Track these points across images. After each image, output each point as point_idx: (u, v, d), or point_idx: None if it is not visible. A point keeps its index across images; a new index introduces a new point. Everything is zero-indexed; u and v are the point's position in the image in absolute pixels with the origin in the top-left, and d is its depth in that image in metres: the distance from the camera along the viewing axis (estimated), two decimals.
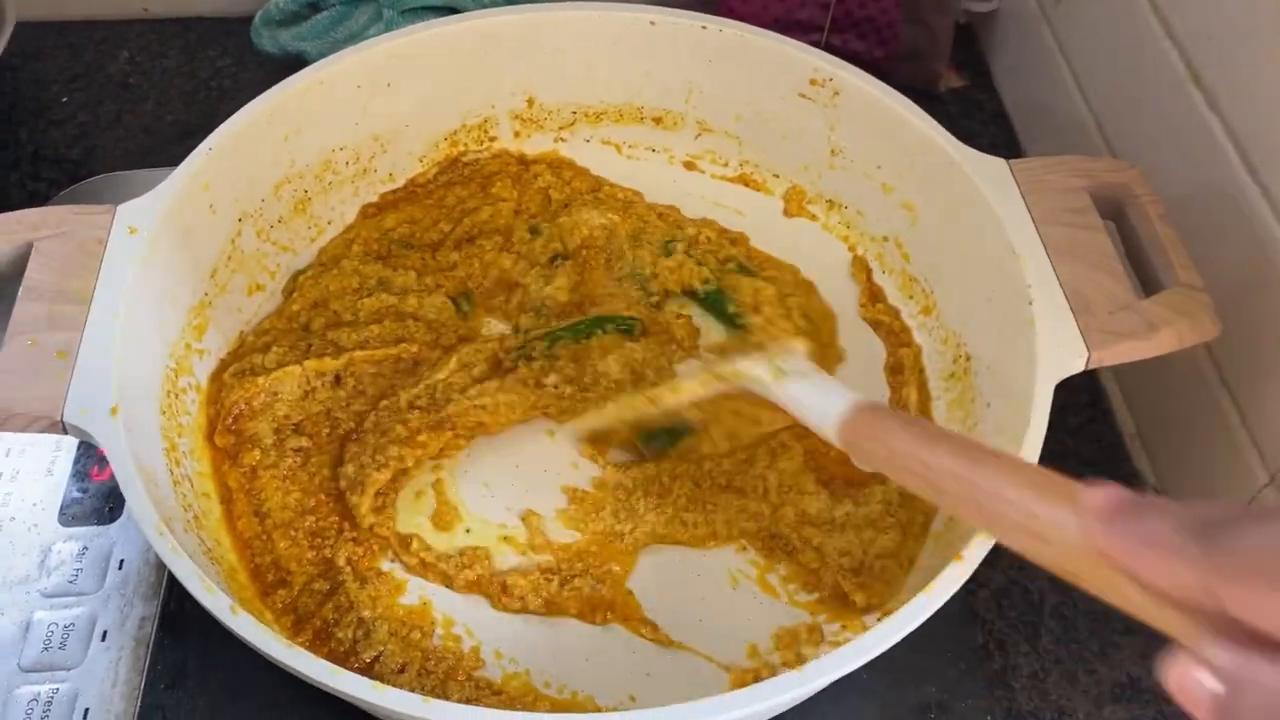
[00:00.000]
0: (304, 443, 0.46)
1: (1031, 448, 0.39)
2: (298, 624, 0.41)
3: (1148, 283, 0.44)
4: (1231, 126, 0.48)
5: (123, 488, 0.37)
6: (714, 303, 0.51)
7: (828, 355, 0.50)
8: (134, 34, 0.74)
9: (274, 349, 0.47)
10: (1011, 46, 0.72)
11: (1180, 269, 0.43)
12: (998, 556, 0.51)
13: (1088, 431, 0.57)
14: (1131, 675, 0.49)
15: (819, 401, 0.40)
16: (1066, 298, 0.42)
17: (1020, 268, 0.43)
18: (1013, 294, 0.43)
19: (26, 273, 0.42)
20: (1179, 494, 0.54)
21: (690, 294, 0.52)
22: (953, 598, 0.37)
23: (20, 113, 0.69)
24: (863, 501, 0.44)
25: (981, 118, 0.72)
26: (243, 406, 0.46)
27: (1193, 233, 0.47)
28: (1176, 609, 0.26)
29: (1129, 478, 0.55)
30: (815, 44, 0.69)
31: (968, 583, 0.38)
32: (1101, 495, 0.28)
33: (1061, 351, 0.41)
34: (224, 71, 0.72)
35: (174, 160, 0.66)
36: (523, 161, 0.57)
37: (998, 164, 0.47)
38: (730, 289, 0.51)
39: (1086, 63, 0.62)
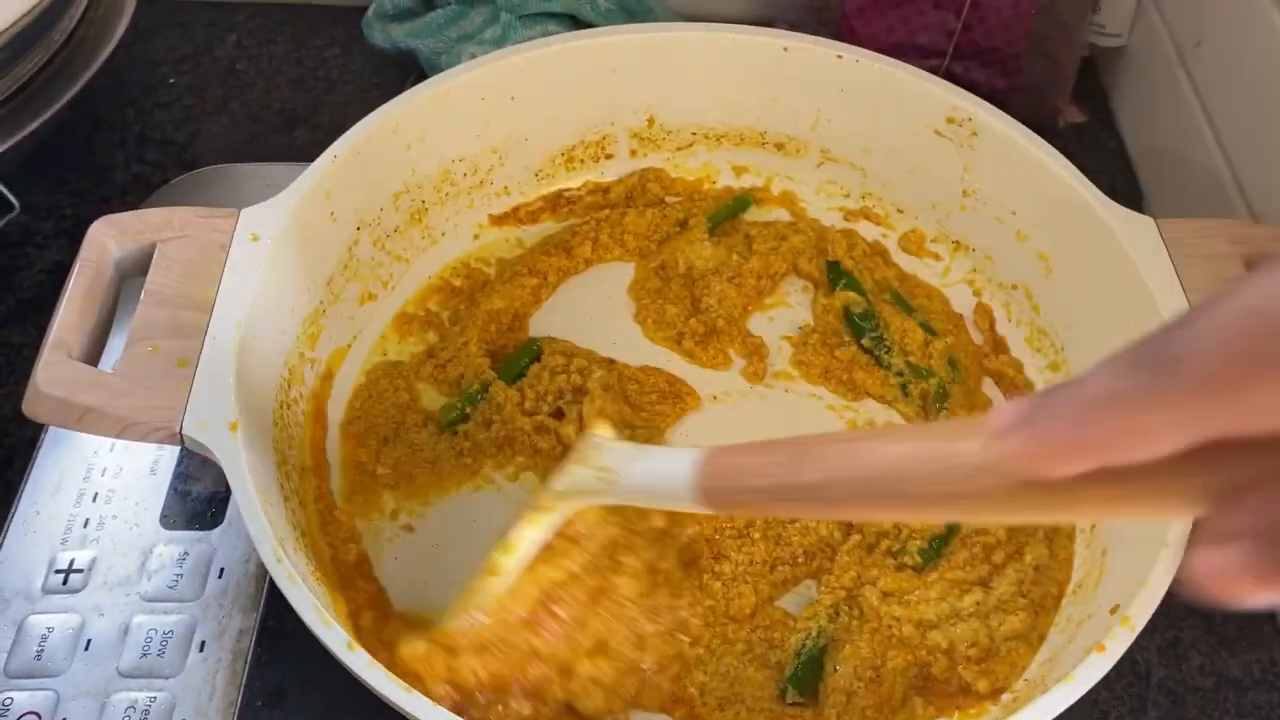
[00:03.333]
0: None
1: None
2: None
3: None
4: None
5: (241, 509, 0.36)
6: (861, 327, 0.50)
7: (975, 400, 0.48)
8: (243, 18, 0.74)
9: None
10: (1139, 85, 0.70)
11: None
12: None
13: None
14: None
15: (661, 475, 0.34)
16: None
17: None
18: None
19: (149, 275, 0.41)
20: None
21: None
22: None
23: (129, 92, 0.69)
24: (994, 586, 0.42)
25: (1102, 157, 0.70)
26: None
27: None
28: (1146, 483, 0.22)
29: None
30: (935, 70, 0.68)
31: None
32: (1007, 408, 0.23)
33: None
34: (331, 61, 0.71)
35: (278, 150, 0.67)
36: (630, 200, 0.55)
37: (1146, 223, 0.45)
38: (884, 319, 0.49)
39: (1225, 110, 0.59)
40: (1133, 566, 0.40)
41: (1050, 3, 0.66)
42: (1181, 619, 0.51)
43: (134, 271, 0.42)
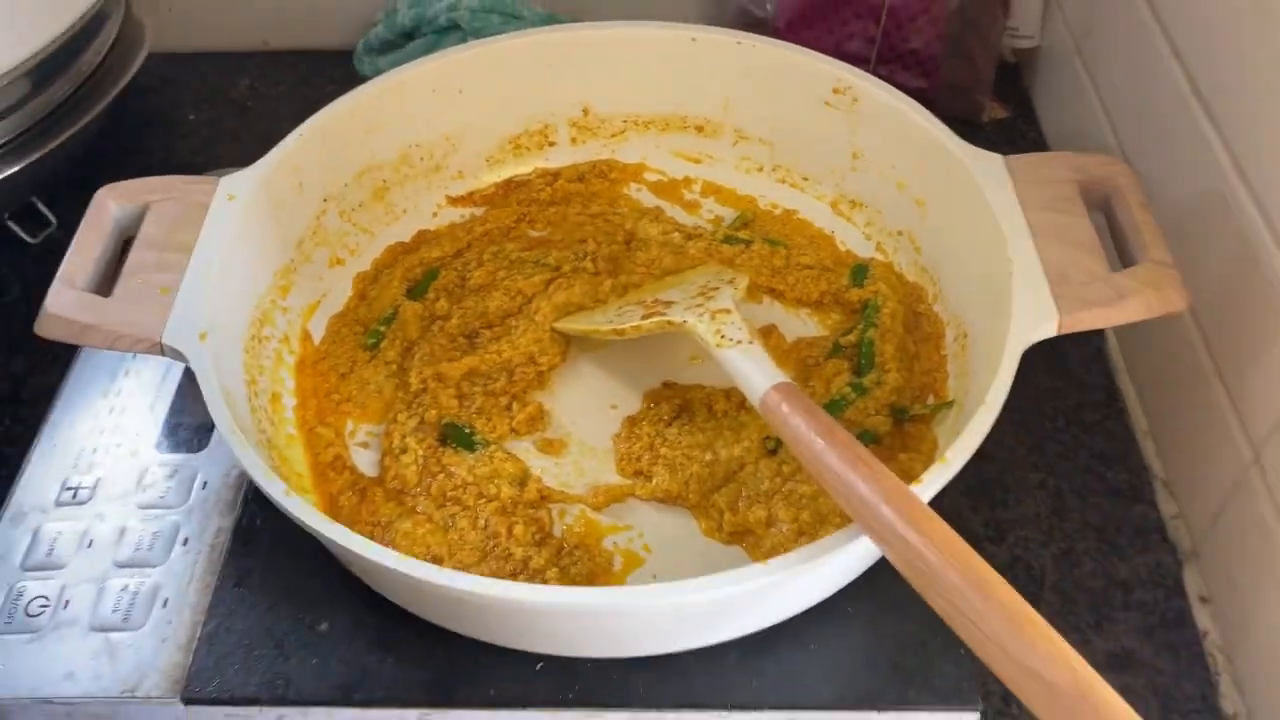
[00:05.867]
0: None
1: (993, 402, 0.43)
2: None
3: (1126, 262, 0.48)
4: (1225, 137, 0.52)
5: (205, 397, 0.44)
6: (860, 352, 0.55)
7: (938, 390, 0.54)
8: (254, 64, 0.84)
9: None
10: (1050, 79, 0.77)
11: (1153, 247, 0.47)
12: (1005, 534, 0.55)
13: (1103, 428, 0.60)
14: (1126, 647, 0.52)
15: (748, 371, 0.46)
16: (1045, 272, 0.47)
17: (1005, 247, 0.48)
18: (999, 271, 0.48)
19: (141, 227, 0.50)
20: (1182, 482, 0.57)
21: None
22: None
23: (154, 128, 0.79)
24: None
25: (1023, 146, 0.76)
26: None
27: (1191, 234, 0.51)
28: None
29: (1139, 469, 0.58)
30: None
31: None
32: None
33: (1035, 317, 0.45)
34: (329, 95, 0.80)
35: None
36: (580, 178, 0.64)
37: (994, 159, 0.52)
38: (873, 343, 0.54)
39: (1109, 87, 0.66)
40: None
41: (961, 9, 0.73)
42: (1076, 530, 0.56)
43: (131, 226, 0.50)
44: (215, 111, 0.81)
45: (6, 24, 0.60)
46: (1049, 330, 0.45)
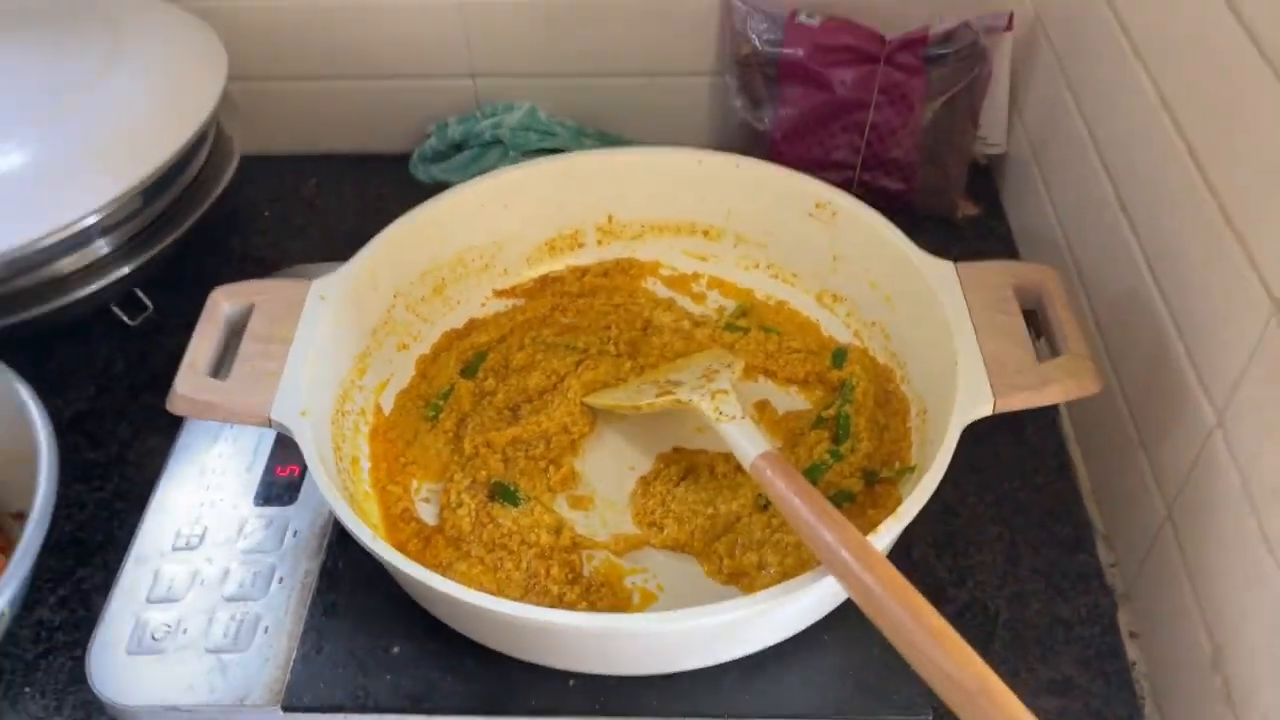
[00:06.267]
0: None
1: (937, 469, 0.53)
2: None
3: (1053, 352, 0.58)
4: (1142, 243, 0.62)
5: (308, 463, 0.55)
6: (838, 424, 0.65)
7: (903, 457, 0.64)
8: (321, 166, 0.94)
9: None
10: (1015, 181, 0.88)
11: (1073, 341, 0.57)
12: (965, 578, 0.65)
13: (1053, 488, 0.69)
14: (1066, 675, 0.61)
15: (741, 442, 0.58)
16: (985, 362, 0.57)
17: (953, 341, 0.58)
18: (948, 360, 0.58)
19: (249, 323, 0.61)
20: (1116, 534, 0.67)
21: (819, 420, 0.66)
22: None
23: (235, 224, 0.91)
24: None
25: (992, 240, 0.87)
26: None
27: (1119, 323, 0.61)
28: None
29: (1082, 524, 0.68)
30: (849, 180, 0.87)
31: (937, 598, 0.50)
32: None
33: (975, 400, 0.56)
34: (386, 195, 0.92)
35: (345, 259, 0.87)
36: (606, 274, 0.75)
37: (947, 266, 0.63)
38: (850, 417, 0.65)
39: (1058, 192, 0.77)
40: None
41: (935, 124, 0.85)
42: (1027, 576, 0.66)
43: (240, 320, 0.62)
44: (286, 208, 0.92)
45: (128, 148, 0.71)
46: (985, 410, 0.56)
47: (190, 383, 0.58)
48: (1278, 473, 0.48)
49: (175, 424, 0.70)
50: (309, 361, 0.59)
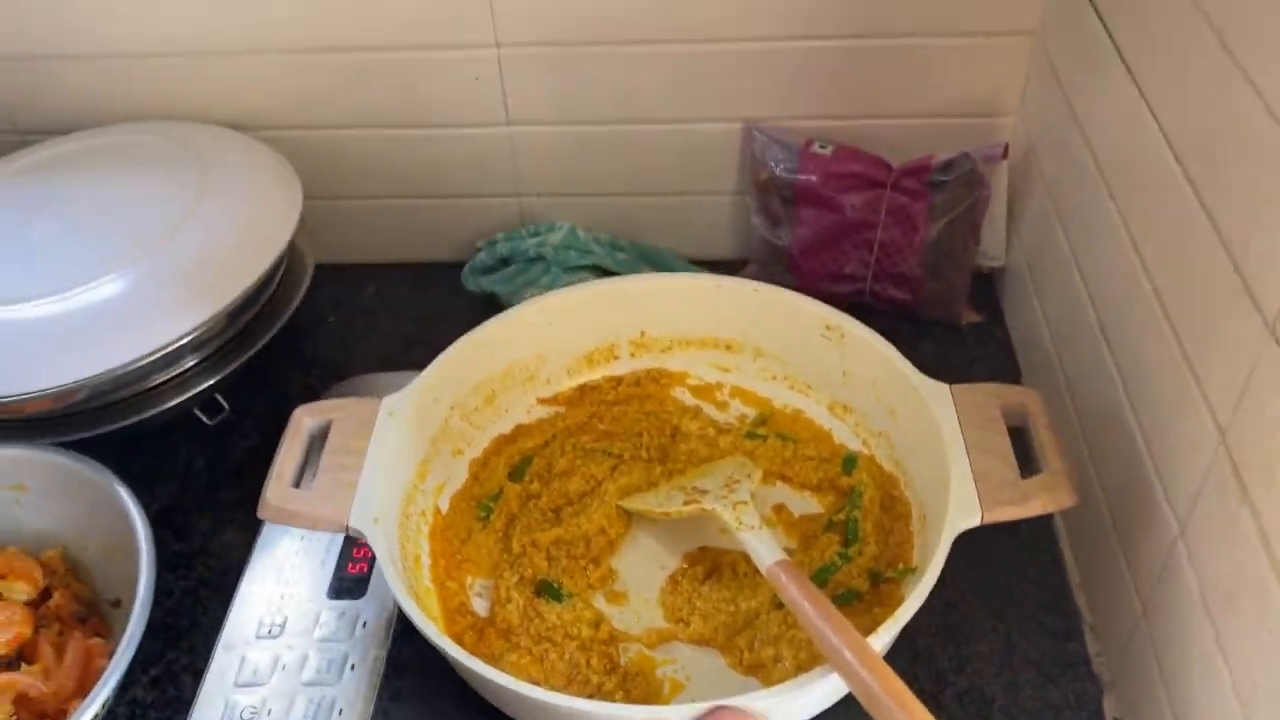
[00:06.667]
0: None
1: (930, 576, 0.61)
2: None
3: (1032, 468, 0.66)
4: (1118, 363, 0.70)
5: (381, 564, 0.63)
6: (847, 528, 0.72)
7: (906, 559, 0.70)
8: (379, 274, 1.03)
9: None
10: (1013, 292, 0.96)
11: (1052, 460, 0.65)
12: (964, 666, 0.72)
13: (1046, 582, 0.76)
14: None
15: (759, 549, 0.65)
16: (974, 478, 0.65)
17: (947, 456, 0.66)
18: (942, 474, 0.66)
19: (329, 437, 0.70)
20: (1102, 626, 0.73)
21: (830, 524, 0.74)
22: None
23: (301, 330, 0.99)
24: None
25: (993, 345, 0.94)
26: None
27: (1099, 436, 0.69)
28: None
29: (1072, 615, 0.74)
30: (861, 290, 0.95)
31: (939, 683, 0.57)
32: None
33: (965, 512, 0.63)
34: (439, 302, 1.01)
35: (403, 363, 0.95)
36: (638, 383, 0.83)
37: (942, 388, 0.70)
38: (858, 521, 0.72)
39: (1049, 307, 0.85)
40: None
41: (938, 241, 0.93)
42: (1020, 664, 0.73)
43: (320, 436, 0.70)
44: (349, 314, 1.01)
45: (216, 274, 0.80)
46: (974, 522, 0.63)
47: (278, 493, 0.66)
48: (1228, 581, 0.55)
49: (251, 518, 0.77)
50: (380, 471, 0.68)
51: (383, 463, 0.68)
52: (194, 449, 0.89)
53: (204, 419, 0.85)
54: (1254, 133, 0.52)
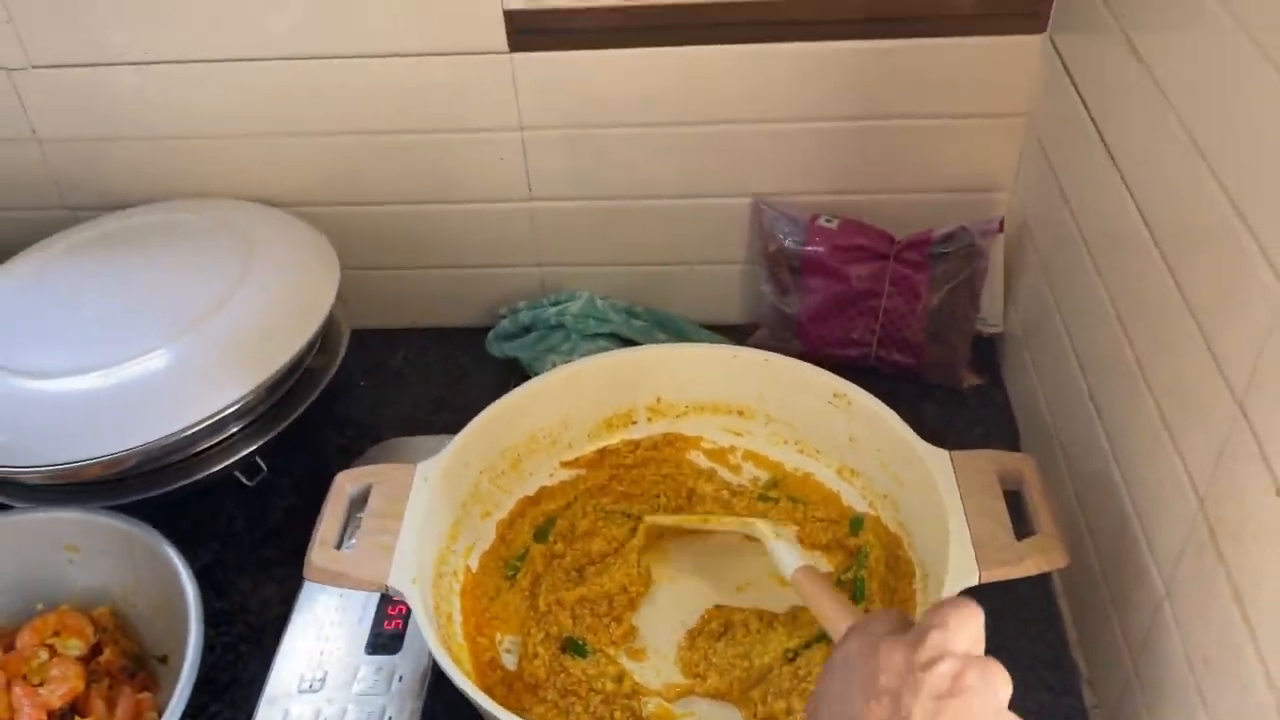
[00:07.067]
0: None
1: None
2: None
3: (1026, 529, 0.70)
4: (1108, 432, 0.75)
5: (418, 622, 0.67)
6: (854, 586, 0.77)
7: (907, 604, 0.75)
8: (407, 339, 1.08)
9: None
10: (1011, 357, 1.00)
11: (1045, 523, 0.69)
12: None
13: (1044, 638, 0.80)
14: None
15: (784, 557, 0.72)
16: (972, 539, 0.69)
17: (947, 520, 0.71)
18: (942, 536, 0.70)
19: (368, 502, 0.74)
20: (1098, 680, 0.77)
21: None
22: None
23: (336, 393, 1.05)
24: None
25: (993, 408, 0.99)
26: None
27: (1091, 500, 0.73)
28: None
29: (1069, 670, 0.78)
30: (866, 355, 1.00)
31: None
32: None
33: (963, 572, 0.68)
34: (464, 365, 1.06)
35: (431, 425, 1.00)
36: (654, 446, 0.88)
37: (942, 454, 0.75)
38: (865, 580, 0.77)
39: (1042, 373, 0.90)
40: None
41: (939, 309, 0.98)
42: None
43: (360, 500, 0.75)
44: (379, 378, 1.06)
45: (260, 348, 0.85)
46: (971, 582, 0.67)
47: (323, 556, 0.71)
48: (1208, 644, 0.59)
49: (289, 575, 0.83)
50: (415, 533, 0.73)
51: (418, 525, 0.73)
52: (235, 509, 0.93)
53: (244, 480, 0.90)
54: (1222, 226, 0.57)
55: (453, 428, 0.82)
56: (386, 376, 1.06)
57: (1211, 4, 0.58)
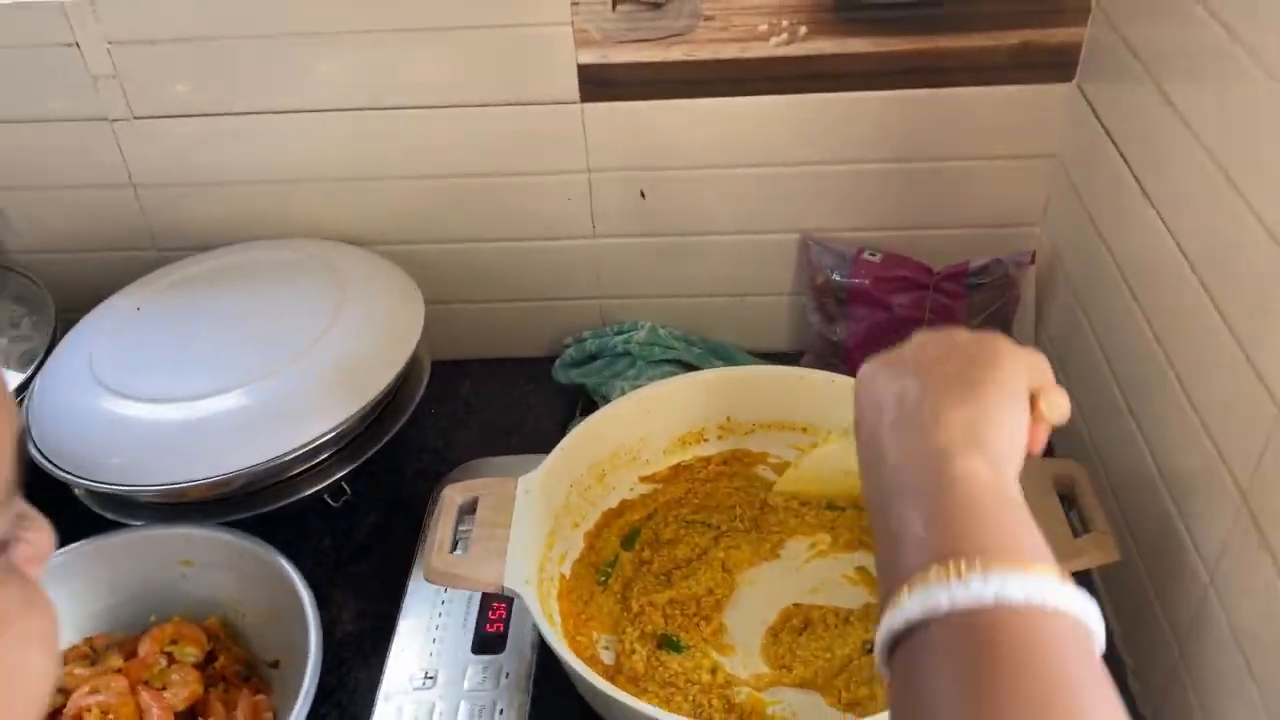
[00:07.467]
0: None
1: None
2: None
3: (1080, 529, 0.78)
4: (1145, 435, 0.82)
5: (534, 616, 0.74)
6: None
7: None
8: (474, 370, 1.14)
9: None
10: None
11: (1097, 522, 0.77)
12: None
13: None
14: None
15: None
16: None
17: None
18: None
19: (477, 513, 0.81)
20: (1144, 671, 0.84)
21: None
22: None
23: (411, 421, 1.12)
24: None
25: None
26: None
27: (1133, 500, 0.81)
28: None
29: (1114, 662, 0.85)
30: None
31: None
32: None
33: None
34: (531, 394, 1.13)
35: (500, 449, 1.07)
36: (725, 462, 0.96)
37: None
38: None
39: (1079, 391, 0.96)
40: None
41: None
42: None
43: (468, 510, 0.82)
44: (449, 407, 1.13)
45: (352, 380, 0.91)
46: None
47: (440, 560, 0.77)
48: (1256, 622, 0.67)
49: (380, 589, 0.90)
50: (522, 540, 0.79)
51: (522, 533, 0.80)
52: (323, 528, 1.00)
53: (330, 502, 0.96)
54: (1259, 253, 0.65)
55: (521, 451, 0.89)
56: (456, 405, 1.13)
57: (1241, 56, 0.67)
